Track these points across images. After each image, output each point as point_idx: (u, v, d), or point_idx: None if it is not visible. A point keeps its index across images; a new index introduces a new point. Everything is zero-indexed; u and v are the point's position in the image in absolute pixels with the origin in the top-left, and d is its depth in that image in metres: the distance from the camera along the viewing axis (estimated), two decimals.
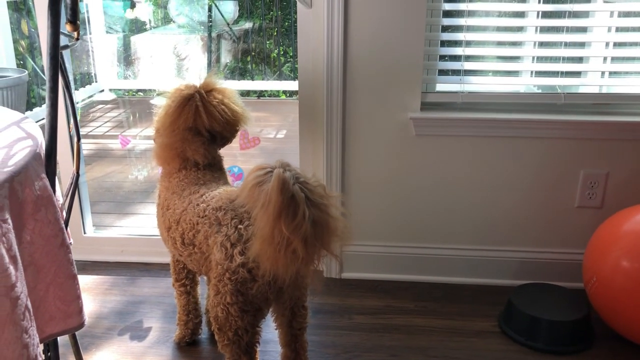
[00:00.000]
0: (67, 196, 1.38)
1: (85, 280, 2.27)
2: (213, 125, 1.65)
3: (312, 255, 1.21)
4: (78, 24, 1.17)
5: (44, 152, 1.16)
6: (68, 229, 1.31)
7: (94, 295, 2.18)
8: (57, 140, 1.14)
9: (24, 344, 0.96)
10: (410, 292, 2.20)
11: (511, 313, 1.95)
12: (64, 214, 1.36)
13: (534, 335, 1.87)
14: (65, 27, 1.20)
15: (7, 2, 3.72)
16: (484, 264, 2.24)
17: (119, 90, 4.66)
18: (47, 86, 1.10)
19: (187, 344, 1.89)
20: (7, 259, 0.93)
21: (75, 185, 1.33)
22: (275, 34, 5.22)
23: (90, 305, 2.11)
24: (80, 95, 4.28)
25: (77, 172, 1.33)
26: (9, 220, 0.96)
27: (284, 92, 5.17)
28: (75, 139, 1.32)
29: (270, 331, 1.81)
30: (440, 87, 2.13)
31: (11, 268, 0.94)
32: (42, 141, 1.19)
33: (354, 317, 2.05)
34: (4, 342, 0.94)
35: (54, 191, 1.16)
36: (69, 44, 1.20)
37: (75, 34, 1.21)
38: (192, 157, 1.64)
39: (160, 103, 1.69)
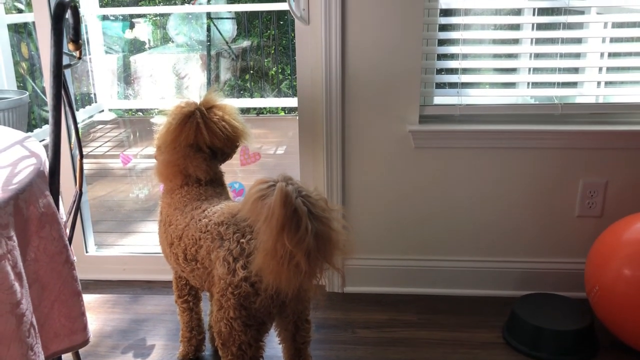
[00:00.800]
0: (70, 214, 1.39)
1: (87, 299, 2.27)
2: (214, 141, 1.66)
3: (315, 268, 1.22)
4: (80, 43, 1.18)
5: (48, 169, 1.17)
6: (71, 246, 1.32)
7: (96, 314, 2.18)
8: (60, 158, 1.15)
9: None
10: (414, 305, 2.20)
11: (515, 324, 1.95)
12: (68, 231, 1.37)
13: (538, 345, 1.87)
14: (68, 47, 1.22)
15: (8, 24, 3.75)
16: (485, 275, 2.24)
17: (119, 110, 4.68)
18: (49, 104, 1.12)
19: None
20: (12, 276, 0.94)
21: (78, 203, 1.34)
22: (273, 52, 5.26)
23: (93, 324, 2.10)
24: (80, 116, 4.30)
25: (80, 190, 1.34)
26: (14, 238, 0.97)
27: (283, 108, 5.20)
28: (77, 157, 1.33)
29: (273, 347, 1.81)
30: (438, 100, 2.15)
31: (16, 285, 0.95)
32: (45, 159, 1.20)
33: (357, 331, 2.04)
34: (10, 359, 0.94)
35: (58, 208, 1.17)
36: (72, 63, 1.22)
37: (77, 53, 1.22)
38: (194, 173, 1.65)
39: (160, 121, 1.70)
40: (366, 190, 2.19)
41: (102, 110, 4.65)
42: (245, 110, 4.97)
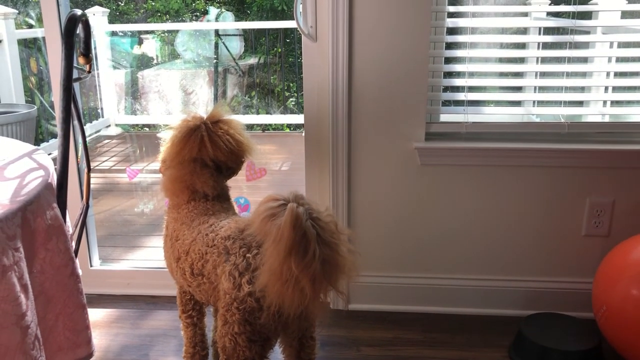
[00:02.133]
0: (76, 227, 1.39)
1: (91, 313, 2.25)
2: (217, 155, 1.66)
3: (319, 292, 1.21)
4: (91, 57, 1.19)
5: (56, 182, 1.17)
6: (78, 251, 1.32)
7: (100, 328, 2.17)
8: (68, 171, 1.16)
9: None
10: (419, 323, 2.18)
11: (521, 343, 1.93)
12: (73, 244, 1.37)
13: None
14: (78, 60, 1.23)
15: (18, 39, 3.79)
16: (492, 294, 2.22)
17: (126, 125, 4.71)
18: (58, 117, 1.12)
19: None
20: (18, 288, 0.94)
21: (85, 216, 1.34)
22: (279, 69, 5.30)
23: (96, 338, 2.09)
24: (87, 130, 4.33)
25: (87, 203, 1.34)
26: (21, 249, 0.97)
27: (288, 125, 5.22)
28: (84, 171, 1.34)
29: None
30: (444, 117, 2.15)
31: (22, 297, 0.94)
32: (53, 172, 1.20)
33: (362, 349, 2.03)
34: None
35: (65, 221, 1.17)
36: (81, 76, 1.23)
37: (87, 67, 1.23)
38: (202, 189, 1.65)
39: (166, 136, 1.71)
40: (372, 207, 2.19)
41: (109, 125, 4.67)
42: (250, 127, 4.99)
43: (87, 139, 4.17)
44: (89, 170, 1.36)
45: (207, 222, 1.57)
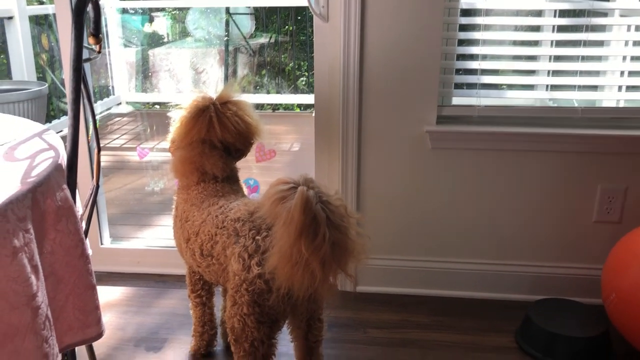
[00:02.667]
0: (86, 207, 1.40)
1: (101, 291, 2.28)
2: (225, 136, 1.66)
3: (329, 275, 1.22)
4: (101, 37, 1.19)
5: (66, 163, 1.18)
6: (87, 240, 1.33)
7: (110, 306, 2.19)
8: (78, 151, 1.16)
9: (43, 353, 0.97)
10: (426, 307, 2.19)
11: (529, 329, 1.93)
12: (84, 224, 1.37)
13: (551, 351, 1.85)
14: (88, 40, 1.22)
15: (29, 16, 3.79)
16: (500, 278, 2.22)
17: (137, 103, 4.71)
18: (68, 98, 1.12)
19: (203, 356, 1.89)
20: (28, 269, 0.94)
21: (95, 196, 1.35)
22: (290, 48, 5.26)
23: (106, 316, 2.12)
24: (98, 108, 4.33)
25: (97, 184, 1.35)
26: (32, 230, 0.98)
27: (298, 105, 5.19)
28: (95, 151, 1.34)
29: (285, 344, 1.81)
30: (456, 100, 2.13)
31: (32, 278, 0.95)
32: (63, 153, 1.20)
33: (368, 331, 2.04)
34: (25, 351, 0.94)
35: (75, 202, 1.17)
36: (91, 57, 1.22)
37: (97, 47, 1.23)
38: (211, 170, 1.65)
39: (176, 115, 1.71)
40: (381, 190, 2.18)
41: (120, 103, 4.67)
42: (260, 107, 4.97)
43: (98, 117, 4.18)
44: (99, 150, 1.36)
45: (216, 204, 1.57)
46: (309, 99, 5.02)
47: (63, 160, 1.17)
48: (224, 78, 4.59)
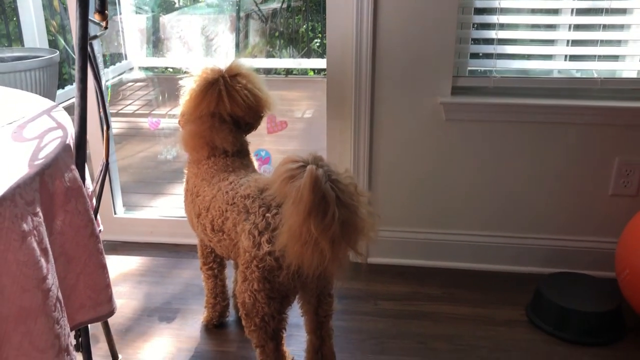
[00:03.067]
0: (97, 183, 1.40)
1: (115, 261, 2.31)
2: (235, 110, 1.64)
3: (339, 254, 1.21)
4: (106, 13, 1.16)
5: (74, 142, 1.17)
6: (98, 217, 1.33)
7: (124, 276, 2.22)
8: (86, 131, 1.15)
9: (55, 334, 0.98)
10: (438, 279, 2.19)
11: (540, 303, 1.93)
12: (94, 202, 1.38)
13: (562, 325, 1.85)
14: (94, 16, 1.20)
15: None
16: (513, 250, 2.21)
17: (148, 68, 4.68)
18: (76, 77, 1.11)
19: (215, 327, 1.92)
20: (38, 252, 0.95)
21: (105, 173, 1.35)
22: (304, 9, 5.16)
23: (120, 286, 2.15)
24: (109, 74, 4.31)
25: (107, 160, 1.34)
26: (40, 214, 0.97)
27: (312, 69, 5.12)
28: (104, 127, 1.33)
29: (296, 315, 1.83)
30: (472, 71, 2.08)
31: (42, 261, 0.96)
32: (72, 131, 1.19)
33: (379, 303, 2.05)
34: (37, 332, 0.96)
35: (84, 181, 1.17)
36: (98, 34, 1.20)
37: (104, 24, 1.20)
38: (221, 145, 1.64)
39: (186, 84, 1.69)
40: (394, 161, 2.16)
41: (132, 68, 4.64)
42: (273, 71, 4.91)
43: (110, 82, 4.16)
44: (108, 127, 1.35)
45: (227, 179, 1.57)
46: (322, 63, 4.95)
47: (71, 139, 1.16)
48: (235, 44, 4.53)
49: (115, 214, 2.45)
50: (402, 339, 1.86)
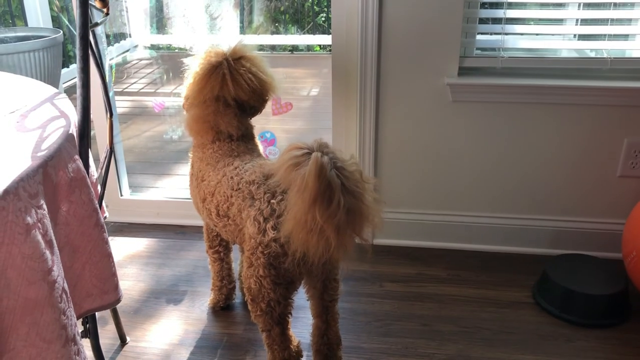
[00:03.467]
0: (102, 169, 1.40)
1: (121, 243, 2.32)
2: (239, 93, 1.63)
3: (344, 241, 1.21)
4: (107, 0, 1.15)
5: (77, 131, 1.16)
6: (103, 205, 1.33)
7: (131, 258, 2.23)
8: (89, 120, 1.14)
9: (62, 325, 0.99)
10: (443, 260, 2.19)
11: (546, 285, 1.92)
12: (99, 188, 1.38)
13: (568, 308, 1.85)
14: (95, 3, 1.18)
15: None
16: (519, 232, 2.20)
17: (153, 46, 4.65)
18: (77, 66, 1.09)
19: (222, 309, 1.94)
20: (43, 245, 0.95)
21: (109, 160, 1.34)
22: None
23: (126, 268, 2.16)
24: (113, 52, 4.28)
25: (111, 148, 1.34)
26: (44, 206, 0.97)
27: (319, 45, 5.06)
28: (108, 115, 1.32)
29: (301, 297, 1.84)
30: (479, 51, 2.05)
31: (47, 253, 0.96)
32: (75, 119, 1.19)
33: (385, 285, 2.05)
34: (43, 323, 0.96)
35: (88, 171, 1.17)
36: (99, 20, 1.18)
37: (105, 10, 1.19)
38: (226, 129, 1.63)
39: (190, 66, 1.67)
40: (399, 142, 2.15)
41: (137, 46, 4.61)
42: (279, 48, 4.86)
43: (114, 61, 4.13)
44: (111, 115, 1.34)
45: (231, 164, 1.56)
46: (327, 39, 4.89)
47: (74, 128, 1.16)
48: (239, 23, 4.48)
49: (121, 195, 2.46)
50: (407, 320, 1.87)
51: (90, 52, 1.12)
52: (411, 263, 2.17)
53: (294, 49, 5.01)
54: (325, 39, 4.96)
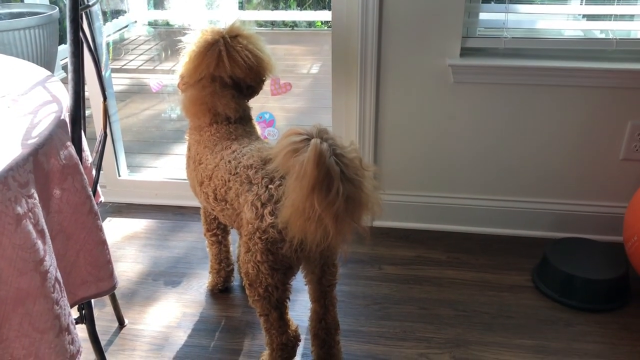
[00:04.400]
0: (96, 154, 1.37)
1: (119, 224, 2.31)
2: (235, 71, 1.60)
3: (343, 229, 1.19)
4: None
5: (69, 117, 1.14)
6: (102, 172, 1.31)
7: (129, 239, 2.22)
8: (82, 106, 1.11)
9: (55, 315, 0.98)
10: (443, 243, 2.18)
11: (546, 268, 1.91)
12: (94, 172, 1.36)
13: (568, 292, 1.84)
14: None
15: None
16: (520, 215, 2.18)
17: (151, 23, 4.59)
18: (68, 51, 1.06)
19: (220, 291, 1.93)
20: (34, 235, 0.93)
21: (104, 146, 1.32)
22: None
23: (124, 249, 2.15)
24: (111, 29, 4.22)
25: (105, 132, 1.31)
26: (35, 195, 0.96)
27: (320, 21, 5.00)
28: (101, 99, 1.30)
29: (299, 280, 1.83)
30: (482, 31, 2.01)
31: (39, 243, 0.94)
32: (67, 104, 1.16)
33: (383, 267, 2.04)
34: (36, 313, 0.95)
35: (81, 157, 1.15)
36: (91, 3, 1.15)
37: None
38: (223, 111, 1.60)
39: (186, 45, 1.64)
40: (400, 123, 2.12)
41: (135, 21, 4.55)
42: (281, 23, 4.80)
43: (112, 38, 4.07)
44: (105, 99, 1.31)
45: (229, 148, 1.54)
46: (327, 15, 4.82)
47: (66, 113, 1.13)
48: (238, 0, 4.42)
49: (119, 176, 2.44)
50: (405, 304, 1.86)
51: (82, 36, 1.08)
52: (410, 245, 2.16)
53: (295, 25, 4.95)
54: (327, 15, 4.89)
